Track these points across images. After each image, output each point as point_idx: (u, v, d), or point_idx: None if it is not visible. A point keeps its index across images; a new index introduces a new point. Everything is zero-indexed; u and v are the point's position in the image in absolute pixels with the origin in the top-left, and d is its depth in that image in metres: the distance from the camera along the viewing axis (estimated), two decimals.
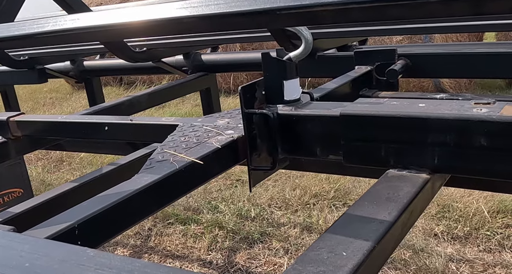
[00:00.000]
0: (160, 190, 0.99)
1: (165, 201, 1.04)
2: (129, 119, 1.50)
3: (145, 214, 1.00)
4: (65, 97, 9.68)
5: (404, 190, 0.98)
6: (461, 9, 0.54)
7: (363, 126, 1.09)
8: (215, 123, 1.33)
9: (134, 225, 1.00)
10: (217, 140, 1.19)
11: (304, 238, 3.48)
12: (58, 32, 0.86)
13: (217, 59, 2.60)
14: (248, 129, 1.17)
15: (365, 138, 1.09)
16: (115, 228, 0.92)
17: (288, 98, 1.23)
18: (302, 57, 1.25)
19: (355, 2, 0.56)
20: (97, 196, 0.94)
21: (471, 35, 6.73)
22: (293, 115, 1.19)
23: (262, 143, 1.20)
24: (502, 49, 1.79)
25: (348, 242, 0.81)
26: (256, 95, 1.21)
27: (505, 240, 3.17)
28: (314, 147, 1.18)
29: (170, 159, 1.08)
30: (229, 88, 8.48)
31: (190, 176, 1.07)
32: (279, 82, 1.23)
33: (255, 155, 1.19)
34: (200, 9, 0.68)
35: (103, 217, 0.87)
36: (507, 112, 0.95)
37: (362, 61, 1.79)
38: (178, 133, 1.30)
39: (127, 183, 0.97)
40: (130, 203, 0.92)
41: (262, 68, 1.23)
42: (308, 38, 1.26)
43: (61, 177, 5.18)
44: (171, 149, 1.16)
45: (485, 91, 6.91)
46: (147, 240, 3.73)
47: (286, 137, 1.21)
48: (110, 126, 1.51)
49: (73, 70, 3.01)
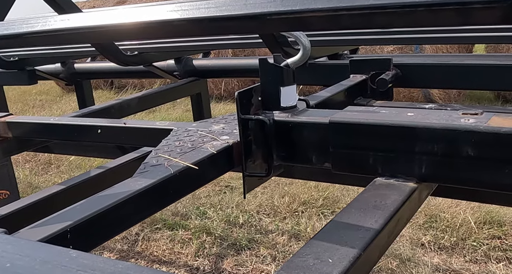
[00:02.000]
0: (154, 194, 0.99)
1: (159, 206, 1.03)
2: (123, 122, 1.49)
3: (138, 218, 0.99)
4: (55, 100, 9.62)
5: (391, 198, 0.98)
6: (449, 19, 0.54)
7: (351, 134, 1.09)
8: (210, 128, 1.33)
9: (127, 229, 0.99)
10: (212, 145, 1.18)
11: (292, 245, 3.48)
12: (48, 33, 0.85)
13: (209, 65, 2.60)
14: (244, 135, 1.16)
15: (353, 145, 1.09)
16: (108, 232, 0.91)
17: (285, 104, 1.23)
18: (300, 64, 1.25)
19: (344, 8, 0.56)
20: (90, 199, 0.92)
21: (461, 47, 6.81)
22: (290, 122, 1.18)
23: (257, 149, 1.19)
24: (491, 62, 1.81)
25: (334, 249, 0.81)
26: (252, 101, 1.20)
27: (491, 251, 3.19)
28: (310, 154, 1.17)
29: (165, 163, 1.08)
30: (220, 94, 8.48)
31: (185, 181, 1.07)
32: (276, 88, 1.22)
33: (250, 161, 1.18)
34: (190, 12, 0.68)
35: (96, 221, 0.86)
36: (494, 123, 0.96)
37: (357, 70, 1.79)
38: (173, 137, 1.29)
39: (121, 187, 0.97)
40: (124, 207, 0.91)
41: (259, 74, 1.22)
42: (306, 45, 1.25)
43: (48, 180, 5.13)
44: (166, 153, 1.16)
45: (474, 103, 6.98)
46: (134, 244, 3.70)
47: (282, 143, 1.20)
48: (103, 129, 1.50)
49: (64, 72, 2.99)
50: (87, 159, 5.42)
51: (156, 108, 7.38)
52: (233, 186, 4.45)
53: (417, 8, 0.55)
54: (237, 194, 4.32)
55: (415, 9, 0.55)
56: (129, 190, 0.94)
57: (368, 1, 0.56)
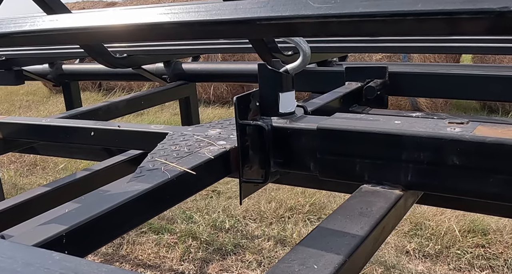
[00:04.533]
0: (151, 199, 0.97)
1: (155, 211, 1.02)
2: (117, 125, 1.47)
3: (135, 223, 0.98)
4: (42, 101, 9.53)
5: (377, 206, 0.99)
6: (436, 28, 0.55)
7: (338, 141, 1.09)
8: (206, 133, 1.31)
9: (123, 234, 0.97)
10: (209, 150, 1.17)
11: (277, 251, 3.47)
12: (36, 33, 0.85)
13: (198, 69, 2.60)
14: (241, 140, 1.15)
15: (340, 152, 1.10)
16: (104, 236, 0.90)
17: (283, 110, 1.21)
18: (300, 70, 1.23)
19: (334, 16, 0.56)
20: (86, 204, 0.91)
21: (448, 57, 6.89)
22: (288, 129, 1.17)
23: (254, 155, 1.17)
24: (477, 72, 1.84)
25: (319, 255, 0.81)
26: (250, 106, 1.19)
27: (475, 260, 3.22)
28: (308, 162, 1.16)
29: (161, 168, 1.06)
30: (208, 98, 8.47)
31: (182, 186, 1.05)
32: (274, 94, 1.20)
33: (246, 167, 1.17)
34: (180, 15, 0.68)
35: (93, 226, 0.85)
36: (480, 133, 0.97)
37: (352, 77, 1.80)
38: (168, 141, 1.28)
39: (117, 191, 0.95)
40: (121, 212, 0.90)
41: (258, 79, 1.21)
42: (306, 51, 1.24)
43: (34, 181, 5.07)
44: (162, 157, 1.14)
45: (460, 112, 7.05)
46: (119, 248, 3.67)
47: (279, 150, 1.19)
48: (96, 132, 1.48)
49: (51, 73, 2.97)
50: (74, 161, 5.38)
51: (144, 111, 7.34)
52: (220, 191, 4.43)
53: (405, 17, 0.56)
54: (223, 198, 4.31)
55: (403, 18, 0.56)
56: (125, 195, 0.92)
57: (358, 9, 0.56)
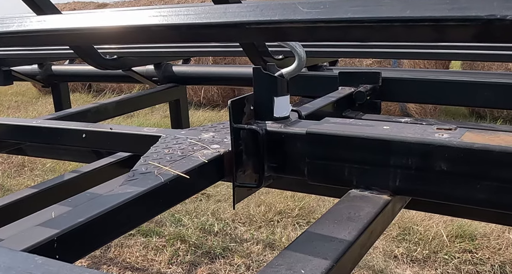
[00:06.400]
0: (144, 203, 0.96)
1: (148, 215, 1.01)
2: (109, 127, 1.46)
3: (128, 228, 0.96)
4: (31, 101, 9.46)
5: (365, 210, 0.99)
6: (424, 35, 0.55)
7: (327, 145, 1.09)
8: (200, 136, 1.30)
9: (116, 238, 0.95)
10: (203, 154, 1.16)
11: (266, 254, 3.47)
12: (23, 33, 0.84)
13: (188, 72, 2.60)
14: (235, 144, 1.14)
15: (329, 156, 1.10)
16: (96, 241, 0.88)
17: (278, 115, 1.20)
18: (295, 74, 1.22)
19: (322, 20, 0.56)
20: (77, 207, 0.89)
21: (438, 63, 6.94)
22: (282, 133, 1.16)
23: (248, 159, 1.16)
24: (466, 78, 1.85)
25: (307, 260, 0.81)
26: (244, 110, 1.18)
27: (462, 265, 3.23)
28: (302, 166, 1.15)
29: (155, 171, 1.05)
30: (199, 101, 8.46)
31: (175, 190, 1.04)
32: (269, 98, 1.19)
33: (240, 172, 1.16)
34: (169, 18, 0.67)
35: (84, 230, 0.83)
36: (467, 139, 0.98)
37: (346, 82, 1.80)
38: (161, 145, 1.26)
39: (110, 194, 0.94)
40: (113, 216, 0.88)
41: (253, 83, 1.20)
42: (302, 55, 1.22)
43: (21, 183, 5.02)
44: (155, 161, 1.13)
45: (449, 118, 7.10)
46: (107, 250, 3.64)
47: (273, 154, 1.18)
48: (88, 134, 1.47)
49: (40, 74, 2.95)
50: (62, 162, 5.34)
51: (134, 113, 7.32)
52: (209, 194, 4.42)
53: (393, 23, 0.56)
54: (213, 201, 4.30)
55: (391, 24, 0.56)
56: (118, 198, 0.91)
57: (346, 14, 0.56)
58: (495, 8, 0.54)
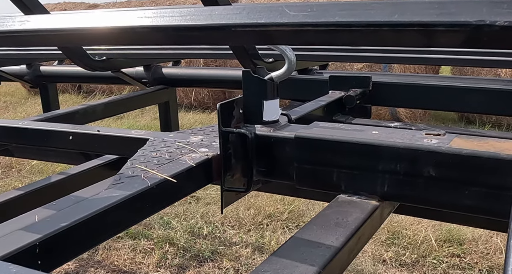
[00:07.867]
0: (130, 207, 0.94)
1: (134, 219, 0.99)
2: (96, 129, 1.44)
3: (113, 232, 0.94)
4: (20, 102, 9.38)
5: (353, 216, 0.98)
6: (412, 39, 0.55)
7: (315, 150, 1.09)
8: (188, 139, 1.28)
9: (100, 243, 0.93)
10: (191, 158, 1.14)
11: (255, 258, 3.45)
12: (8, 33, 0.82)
13: (178, 73, 2.58)
14: (224, 148, 1.13)
15: (317, 161, 1.09)
16: (80, 246, 0.86)
17: (267, 119, 1.19)
18: (285, 77, 1.21)
19: (310, 24, 0.55)
20: (61, 210, 0.87)
21: (428, 68, 6.98)
22: (272, 137, 1.15)
23: (237, 163, 1.15)
24: (455, 83, 1.86)
25: (293, 266, 0.80)
26: (234, 113, 1.16)
27: (450, 269, 3.24)
28: (291, 171, 1.13)
29: (141, 175, 1.03)
30: (190, 103, 8.43)
31: (162, 193, 1.03)
32: (259, 102, 1.18)
33: (229, 176, 1.14)
34: (154, 20, 0.66)
35: (68, 235, 0.81)
36: (456, 145, 0.97)
37: (336, 86, 1.79)
38: (149, 148, 1.24)
39: (95, 198, 0.92)
40: (98, 220, 0.86)
41: (242, 86, 1.18)
42: (292, 59, 1.22)
43: (8, 184, 4.97)
44: (142, 164, 1.11)
45: (438, 123, 7.14)
46: (94, 253, 3.61)
47: (262, 158, 1.17)
48: (75, 136, 1.45)
49: (29, 75, 2.92)
50: (50, 164, 5.29)
51: (124, 115, 7.28)
52: (199, 197, 4.40)
53: (381, 28, 0.55)
54: (202, 204, 4.28)
55: (379, 29, 0.55)
56: (103, 202, 0.89)
57: (334, 18, 0.56)
58: (484, 13, 0.53)
